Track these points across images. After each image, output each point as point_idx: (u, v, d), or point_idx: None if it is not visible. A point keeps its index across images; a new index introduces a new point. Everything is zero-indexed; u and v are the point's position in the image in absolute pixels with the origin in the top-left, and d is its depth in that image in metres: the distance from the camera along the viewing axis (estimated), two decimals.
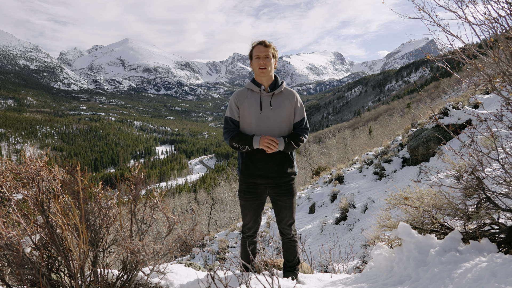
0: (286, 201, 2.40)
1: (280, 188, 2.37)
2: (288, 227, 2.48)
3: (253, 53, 2.32)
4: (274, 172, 2.33)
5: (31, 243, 1.83)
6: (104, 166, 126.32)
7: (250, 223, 2.47)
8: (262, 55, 2.27)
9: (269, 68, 2.28)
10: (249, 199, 2.40)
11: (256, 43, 2.31)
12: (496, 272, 1.49)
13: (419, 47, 2.90)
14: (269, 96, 2.34)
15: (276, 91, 2.34)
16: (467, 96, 8.31)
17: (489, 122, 2.43)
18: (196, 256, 9.52)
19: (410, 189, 2.29)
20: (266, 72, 2.27)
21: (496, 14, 1.82)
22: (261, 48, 2.28)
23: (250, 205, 2.41)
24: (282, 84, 2.39)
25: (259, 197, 2.41)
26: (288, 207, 2.41)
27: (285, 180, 2.37)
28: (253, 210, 2.42)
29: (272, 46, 2.31)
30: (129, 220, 2.09)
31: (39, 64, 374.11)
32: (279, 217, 2.47)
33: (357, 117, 76.27)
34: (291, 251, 2.55)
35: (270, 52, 2.28)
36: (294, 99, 2.38)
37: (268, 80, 2.34)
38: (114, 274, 2.08)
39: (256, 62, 2.28)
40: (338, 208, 7.59)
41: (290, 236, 2.51)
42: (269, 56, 2.27)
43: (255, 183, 2.38)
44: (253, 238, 2.55)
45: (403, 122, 21.79)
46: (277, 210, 2.45)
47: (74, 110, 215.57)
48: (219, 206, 20.98)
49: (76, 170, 1.93)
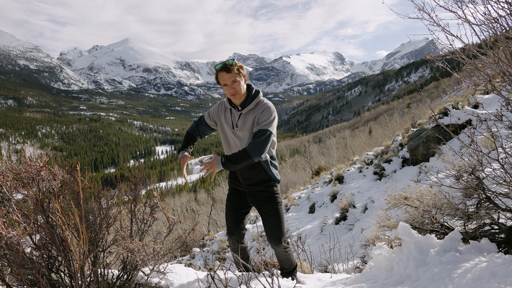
0: (268, 208, 2.35)
1: (259, 194, 2.36)
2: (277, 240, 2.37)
3: (219, 80, 2.22)
4: (246, 178, 2.35)
5: (31, 243, 1.83)
6: (104, 166, 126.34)
7: (229, 223, 2.47)
8: (228, 82, 2.16)
9: (240, 91, 2.20)
10: (230, 199, 2.49)
11: (219, 68, 2.18)
12: (496, 272, 1.49)
13: (419, 47, 2.89)
14: (237, 115, 2.30)
15: (244, 111, 2.25)
16: (467, 96, 8.31)
17: (489, 122, 2.43)
18: (196, 256, 9.52)
19: (410, 189, 2.29)
20: (238, 96, 2.22)
21: (496, 14, 1.82)
22: (225, 76, 2.16)
23: (232, 204, 2.47)
24: (254, 100, 2.25)
25: (240, 198, 2.44)
26: (271, 215, 2.34)
27: (262, 188, 2.35)
28: (233, 210, 2.45)
29: (236, 66, 2.18)
30: (129, 220, 2.09)
31: (39, 64, 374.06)
32: (267, 230, 2.40)
33: (357, 117, 76.26)
34: (286, 261, 2.53)
35: (235, 74, 2.17)
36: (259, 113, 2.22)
37: (240, 99, 2.27)
38: (114, 274, 2.08)
39: (226, 89, 2.21)
40: (338, 208, 7.59)
41: (282, 249, 2.44)
42: (236, 79, 2.17)
43: (234, 187, 2.48)
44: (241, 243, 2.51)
45: (403, 122, 21.79)
46: (264, 221, 2.40)
47: (74, 110, 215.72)
48: (219, 206, 20.97)
49: (76, 170, 1.93)
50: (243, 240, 2.53)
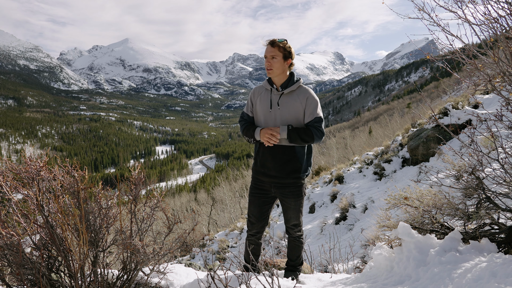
0: (290, 203, 2.38)
1: (284, 189, 2.35)
2: (292, 227, 2.48)
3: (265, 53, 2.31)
4: (277, 171, 2.32)
5: (31, 243, 1.83)
6: (104, 166, 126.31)
7: (252, 218, 2.47)
8: (268, 55, 2.26)
9: (275, 69, 2.25)
10: (254, 194, 2.46)
11: (266, 42, 2.27)
12: (496, 272, 1.49)
13: (419, 47, 2.89)
14: (278, 95, 2.33)
15: (286, 91, 2.30)
16: (467, 96, 8.31)
17: (489, 122, 2.43)
18: (196, 256, 9.52)
19: (410, 189, 2.29)
20: (272, 72, 2.27)
21: (496, 14, 1.82)
22: (268, 49, 2.25)
23: (255, 200, 2.45)
24: (295, 83, 2.32)
25: (265, 194, 2.43)
26: (292, 209, 2.40)
27: (289, 181, 2.34)
28: (258, 206, 2.44)
29: (282, 45, 2.24)
30: (129, 220, 2.09)
31: (39, 64, 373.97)
32: (285, 217, 2.48)
33: (357, 117, 76.25)
34: (295, 250, 2.55)
35: (279, 51, 2.23)
36: (305, 99, 2.28)
37: (280, 80, 2.32)
38: (114, 274, 2.08)
39: (265, 62, 2.29)
40: (338, 208, 7.59)
41: (295, 236, 2.51)
42: (276, 56, 2.24)
43: (260, 180, 2.43)
44: (257, 239, 2.52)
45: (403, 122, 21.78)
46: (283, 210, 2.47)
47: (74, 110, 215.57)
48: (219, 206, 20.98)
49: (76, 170, 1.93)
50: (262, 236, 2.54)
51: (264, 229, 2.52)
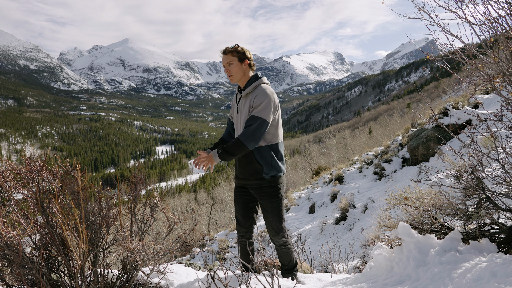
0: (267, 205, 2.35)
1: (259, 190, 2.35)
2: (275, 234, 2.38)
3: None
4: (241, 174, 2.38)
5: (31, 243, 1.83)
6: (104, 166, 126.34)
7: (239, 217, 2.49)
8: (225, 63, 2.30)
9: (234, 74, 2.29)
10: (237, 193, 2.51)
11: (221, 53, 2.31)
12: (496, 272, 1.49)
13: (419, 47, 2.89)
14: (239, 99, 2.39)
15: (243, 94, 2.31)
16: (467, 96, 8.31)
17: (489, 122, 2.43)
18: (196, 256, 9.52)
19: (410, 189, 2.29)
20: (233, 78, 2.31)
21: (496, 14, 1.82)
22: (223, 58, 2.30)
23: (238, 199, 2.49)
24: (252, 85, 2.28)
25: (246, 192, 2.46)
26: (269, 212, 2.35)
27: (253, 183, 2.33)
28: (241, 204, 2.47)
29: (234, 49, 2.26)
30: (129, 220, 2.09)
31: (39, 64, 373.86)
32: (266, 223, 2.43)
33: (357, 117, 76.24)
34: (285, 256, 2.51)
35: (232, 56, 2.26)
36: (253, 99, 2.22)
37: (242, 83, 2.35)
38: (114, 274, 2.08)
39: (224, 71, 2.34)
40: (338, 208, 7.59)
41: (280, 243, 2.43)
42: (231, 62, 2.27)
43: (237, 182, 2.51)
44: (248, 239, 2.51)
45: (403, 122, 21.79)
46: (263, 215, 2.42)
47: (74, 110, 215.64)
48: (219, 206, 20.98)
49: (76, 170, 1.93)
50: (252, 235, 2.53)
51: (252, 228, 2.51)
